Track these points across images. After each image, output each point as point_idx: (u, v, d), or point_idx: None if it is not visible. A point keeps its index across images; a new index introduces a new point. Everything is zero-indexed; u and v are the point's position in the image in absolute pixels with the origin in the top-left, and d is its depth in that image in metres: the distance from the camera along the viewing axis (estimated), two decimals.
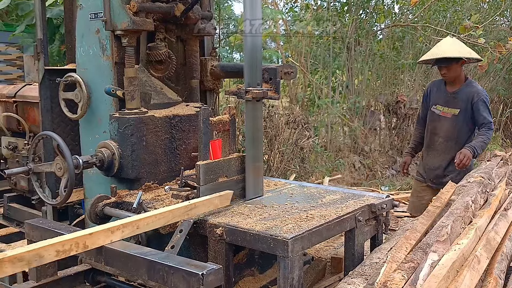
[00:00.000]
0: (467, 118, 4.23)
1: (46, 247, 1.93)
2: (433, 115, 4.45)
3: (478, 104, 4.16)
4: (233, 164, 2.86)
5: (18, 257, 1.86)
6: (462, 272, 2.01)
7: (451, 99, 4.33)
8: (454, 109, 4.29)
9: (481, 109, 4.15)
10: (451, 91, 4.35)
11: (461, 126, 4.27)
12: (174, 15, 3.22)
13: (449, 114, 4.32)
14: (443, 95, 4.40)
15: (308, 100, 9.18)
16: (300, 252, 2.28)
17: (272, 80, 2.86)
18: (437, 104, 4.42)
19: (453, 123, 4.29)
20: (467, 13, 9.63)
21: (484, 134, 4.13)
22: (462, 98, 4.26)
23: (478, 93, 4.21)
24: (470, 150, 4.04)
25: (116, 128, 3.02)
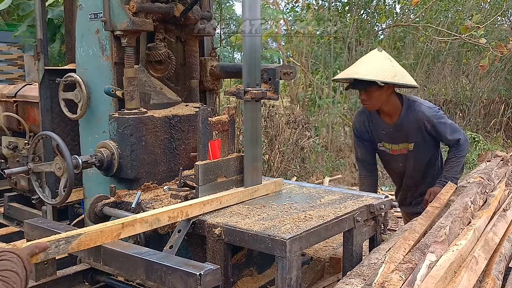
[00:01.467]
0: (426, 148, 3.48)
1: (163, 213, 2.39)
2: (383, 154, 3.62)
3: (435, 128, 3.36)
4: (232, 164, 2.86)
5: (144, 220, 2.31)
6: (460, 273, 2.01)
7: (395, 134, 3.44)
8: (405, 143, 3.46)
9: (441, 132, 3.37)
10: (390, 123, 3.43)
11: (421, 160, 3.54)
12: (173, 15, 3.22)
13: (403, 150, 3.50)
14: (384, 129, 3.48)
15: (309, 100, 9.19)
16: (298, 252, 2.28)
17: (271, 80, 2.86)
18: (382, 141, 3.54)
19: (411, 158, 3.52)
20: (468, 13, 9.64)
21: (454, 155, 3.42)
22: (409, 128, 3.39)
23: (428, 118, 3.34)
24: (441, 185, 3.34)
25: (116, 128, 3.02)
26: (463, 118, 10.52)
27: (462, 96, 10.62)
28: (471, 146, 9.13)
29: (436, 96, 10.33)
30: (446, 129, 3.38)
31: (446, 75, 10.57)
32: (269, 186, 3.01)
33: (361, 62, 3.47)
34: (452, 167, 3.43)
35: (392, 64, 3.34)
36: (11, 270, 1.51)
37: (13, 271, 1.51)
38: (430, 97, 10.25)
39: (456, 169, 3.42)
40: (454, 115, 10.41)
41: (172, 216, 2.42)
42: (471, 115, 10.45)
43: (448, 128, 3.39)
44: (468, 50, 10.16)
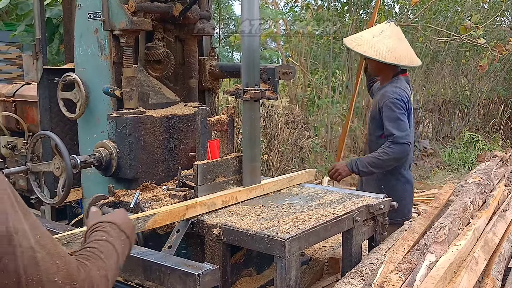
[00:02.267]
0: (378, 126, 3.49)
1: (217, 197, 2.67)
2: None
3: (383, 109, 3.38)
4: (231, 164, 2.85)
5: (204, 203, 2.58)
6: (460, 274, 2.01)
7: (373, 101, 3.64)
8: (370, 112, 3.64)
9: (385, 117, 3.36)
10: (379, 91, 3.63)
11: (372, 135, 3.59)
12: (172, 15, 3.21)
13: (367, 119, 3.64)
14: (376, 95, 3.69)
15: (308, 100, 9.18)
16: (297, 252, 2.28)
17: (270, 80, 2.86)
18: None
19: (369, 127, 3.65)
20: (467, 13, 9.64)
21: (382, 148, 3.33)
22: (374, 101, 3.59)
23: (384, 96, 3.40)
24: (349, 165, 3.41)
25: (114, 128, 3.01)
26: (462, 118, 10.53)
27: (461, 96, 10.63)
28: (470, 146, 9.14)
29: (435, 96, 10.34)
30: (389, 117, 3.34)
31: (445, 75, 10.58)
32: (303, 176, 3.27)
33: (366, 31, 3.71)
34: (372, 156, 3.36)
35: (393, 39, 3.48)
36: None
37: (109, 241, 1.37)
38: (429, 97, 10.26)
39: (373, 161, 3.34)
40: (453, 115, 10.42)
41: (225, 200, 2.71)
42: (470, 115, 10.46)
43: (391, 118, 3.34)
44: (467, 50, 10.16)
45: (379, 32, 3.49)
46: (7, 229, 0.99)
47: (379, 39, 3.45)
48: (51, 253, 1.06)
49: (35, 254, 1.02)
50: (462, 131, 9.98)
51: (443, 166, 8.58)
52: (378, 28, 3.58)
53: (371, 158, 3.35)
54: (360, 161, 3.39)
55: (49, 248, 1.06)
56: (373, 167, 3.35)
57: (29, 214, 1.07)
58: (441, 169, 8.47)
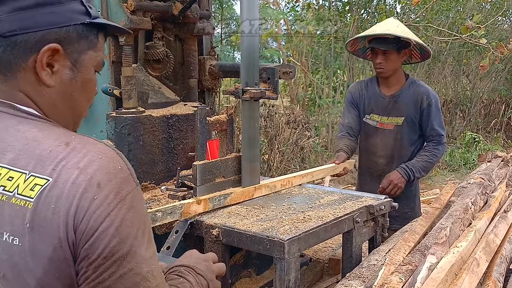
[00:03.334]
0: (414, 128, 3.36)
1: (278, 181, 3.00)
2: (367, 127, 3.49)
3: (430, 109, 3.28)
4: (230, 164, 2.83)
5: (267, 185, 2.91)
6: (461, 276, 1.98)
7: (391, 104, 3.38)
8: (397, 117, 3.37)
9: (432, 117, 3.28)
10: (389, 94, 3.40)
11: (406, 140, 3.39)
12: (172, 14, 3.19)
13: (390, 125, 3.37)
14: (380, 100, 3.43)
15: (309, 100, 9.17)
16: (296, 253, 2.26)
17: (270, 79, 2.84)
18: (372, 113, 3.45)
19: (396, 137, 3.38)
20: (469, 13, 9.62)
21: (430, 150, 3.27)
22: (406, 102, 3.34)
23: (429, 95, 3.32)
24: (404, 174, 3.25)
25: (113, 127, 2.99)
26: (464, 118, 10.50)
27: (462, 96, 10.61)
28: (471, 146, 9.12)
29: None
30: (437, 118, 3.31)
31: (446, 75, 10.56)
32: (344, 166, 3.44)
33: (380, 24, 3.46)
34: (423, 160, 3.28)
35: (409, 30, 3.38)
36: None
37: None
38: None
39: (424, 165, 3.28)
40: (454, 115, 10.40)
41: (283, 184, 3.02)
42: (471, 115, 10.43)
43: (439, 118, 3.32)
44: (468, 50, 10.15)
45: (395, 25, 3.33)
46: (128, 252, 0.95)
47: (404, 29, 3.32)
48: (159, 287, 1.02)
49: (145, 283, 0.98)
50: (463, 131, 9.96)
51: (444, 166, 8.56)
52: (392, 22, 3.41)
53: (423, 163, 3.27)
54: (414, 167, 3.26)
55: (158, 281, 1.01)
56: (425, 171, 3.30)
57: (151, 243, 1.02)
58: (442, 169, 8.45)
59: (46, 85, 1.03)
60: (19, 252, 0.93)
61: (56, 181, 0.93)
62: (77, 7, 1.04)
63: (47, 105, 1.06)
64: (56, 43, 1.01)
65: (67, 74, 1.06)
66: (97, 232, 0.92)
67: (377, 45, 3.28)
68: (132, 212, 0.96)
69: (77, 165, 0.94)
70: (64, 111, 1.10)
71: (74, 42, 1.04)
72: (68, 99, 1.09)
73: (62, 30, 1.02)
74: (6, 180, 0.95)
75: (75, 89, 1.09)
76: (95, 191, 0.93)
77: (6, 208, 0.94)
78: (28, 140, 0.97)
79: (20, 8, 0.98)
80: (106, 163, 0.96)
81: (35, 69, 1.01)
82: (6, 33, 0.98)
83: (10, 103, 1.02)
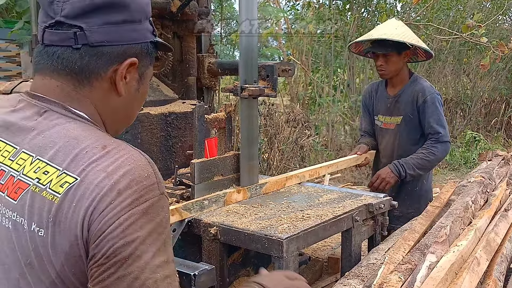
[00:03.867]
0: (414, 127, 3.35)
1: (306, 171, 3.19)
2: (376, 128, 3.57)
3: (425, 105, 3.25)
4: (229, 163, 2.81)
5: (296, 175, 3.09)
6: (462, 275, 1.96)
7: (393, 104, 3.41)
8: (397, 117, 3.40)
9: (429, 113, 3.24)
10: (393, 94, 3.44)
11: (406, 139, 3.39)
12: (170, 11, 3.17)
13: (392, 125, 3.41)
14: (384, 100, 3.48)
15: (309, 99, 9.15)
16: (295, 252, 2.24)
17: (269, 77, 2.81)
18: (379, 113, 3.52)
19: (396, 136, 3.42)
20: (469, 12, 9.59)
21: (427, 148, 3.24)
22: (405, 101, 3.36)
23: (424, 91, 3.28)
24: (394, 169, 3.23)
25: None
26: (464, 117, 10.48)
27: (463, 95, 10.59)
28: (472, 145, 9.10)
29: None
30: (434, 114, 3.26)
31: (447, 74, 10.54)
32: (365, 156, 3.56)
33: (381, 27, 3.53)
34: (418, 158, 3.24)
35: (410, 31, 3.39)
36: None
37: None
38: None
39: (418, 162, 3.23)
40: (455, 114, 10.38)
41: (311, 174, 3.20)
42: (471, 114, 10.41)
43: (436, 115, 3.26)
44: (469, 49, 10.12)
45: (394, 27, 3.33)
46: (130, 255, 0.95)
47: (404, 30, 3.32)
48: None
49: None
50: (464, 130, 9.94)
51: (445, 165, 8.54)
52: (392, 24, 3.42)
53: (417, 160, 3.23)
54: (407, 164, 3.23)
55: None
56: (419, 169, 3.24)
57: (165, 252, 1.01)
58: (443, 168, 8.43)
59: (119, 94, 1.13)
60: (43, 243, 0.98)
61: (83, 181, 0.97)
62: (149, 27, 1.18)
63: (109, 112, 1.15)
64: (134, 57, 1.12)
65: (134, 86, 1.17)
66: (105, 233, 0.95)
67: (376, 49, 3.32)
68: (146, 217, 0.98)
69: (106, 168, 0.98)
70: (121, 118, 1.20)
71: (144, 57, 1.16)
72: (129, 107, 1.19)
73: (138, 46, 1.14)
74: (42, 174, 1.01)
75: (136, 99, 1.20)
76: (114, 195, 0.96)
77: (37, 200, 0.99)
78: (70, 138, 1.03)
79: (110, 23, 1.08)
80: (133, 170, 0.99)
81: (112, 79, 1.11)
82: (95, 43, 1.07)
83: (62, 104, 1.09)
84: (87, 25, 1.06)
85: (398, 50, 3.26)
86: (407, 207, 3.35)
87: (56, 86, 1.10)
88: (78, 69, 1.08)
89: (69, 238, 0.96)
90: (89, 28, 1.06)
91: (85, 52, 1.07)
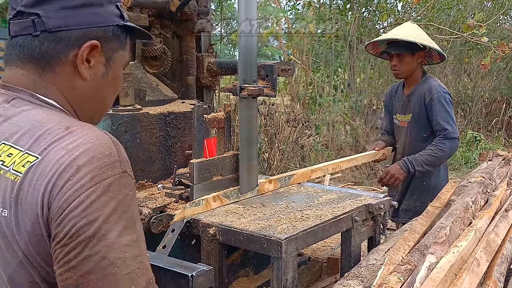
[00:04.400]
0: (424, 125, 3.45)
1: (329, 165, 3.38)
2: (394, 127, 3.74)
3: (432, 104, 3.34)
4: (228, 163, 2.80)
5: (321, 168, 3.30)
6: (461, 276, 1.95)
7: (406, 103, 3.55)
8: (408, 115, 3.54)
9: (435, 111, 3.33)
10: (407, 93, 3.58)
11: (415, 136, 3.51)
12: (169, 10, 3.16)
13: (405, 123, 3.56)
14: (401, 100, 3.63)
15: (310, 98, 9.13)
16: (294, 253, 2.23)
17: (268, 77, 2.80)
18: (396, 112, 3.68)
19: (407, 134, 3.55)
20: (470, 12, 9.57)
21: (435, 144, 3.31)
22: (415, 99, 3.49)
23: (431, 90, 3.37)
24: (403, 166, 3.33)
25: (110, 125, 2.96)
26: (465, 117, 10.46)
27: (463, 95, 10.57)
28: (472, 145, 9.08)
29: None
30: (441, 112, 3.33)
31: (447, 74, 10.51)
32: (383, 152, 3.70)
33: (395, 29, 3.70)
34: (427, 154, 3.32)
35: (424, 34, 3.54)
36: None
37: None
38: None
39: (427, 158, 3.31)
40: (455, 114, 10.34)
41: (334, 168, 3.40)
42: (472, 114, 10.39)
43: (443, 112, 3.34)
44: (470, 49, 10.10)
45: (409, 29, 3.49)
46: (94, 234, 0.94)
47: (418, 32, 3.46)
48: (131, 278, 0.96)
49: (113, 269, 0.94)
50: (464, 130, 9.92)
51: None
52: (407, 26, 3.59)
53: (426, 156, 3.30)
54: (415, 160, 3.31)
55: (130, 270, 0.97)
56: (428, 165, 3.32)
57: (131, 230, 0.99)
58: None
59: (82, 78, 1.13)
60: (7, 224, 0.98)
61: (43, 159, 0.97)
62: (114, 10, 1.17)
63: (77, 97, 1.15)
64: (95, 40, 1.11)
65: (101, 70, 1.16)
66: (66, 211, 0.94)
67: (389, 49, 3.47)
68: (107, 196, 0.96)
69: (67, 146, 0.98)
70: (92, 105, 1.19)
71: (109, 41, 1.15)
72: (99, 93, 1.18)
73: (101, 30, 1.13)
74: (6, 156, 1.02)
75: (106, 84, 1.18)
76: (73, 171, 0.95)
77: (1, 182, 1.00)
78: (35, 122, 1.04)
79: (67, 7, 1.08)
80: (95, 147, 0.98)
81: (74, 63, 1.11)
82: (52, 29, 1.08)
83: (30, 92, 1.10)
84: (44, 11, 1.07)
85: (412, 50, 3.39)
86: (414, 201, 3.51)
87: (22, 75, 1.11)
88: (39, 55, 1.09)
89: (31, 216, 0.95)
90: (46, 14, 1.07)
91: (43, 38, 1.08)
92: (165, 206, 2.65)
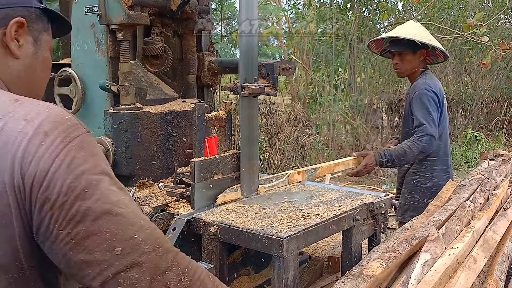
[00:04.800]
0: (409, 122, 3.46)
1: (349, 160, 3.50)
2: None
3: (413, 101, 3.34)
4: (229, 161, 2.80)
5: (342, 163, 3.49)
6: (456, 273, 1.95)
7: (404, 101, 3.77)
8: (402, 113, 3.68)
9: (415, 108, 3.32)
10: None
11: (403, 133, 3.58)
12: (170, 9, 3.16)
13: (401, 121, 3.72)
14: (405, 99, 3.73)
15: (310, 98, 9.13)
16: (295, 251, 2.23)
17: (269, 76, 2.80)
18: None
19: (403, 126, 3.65)
20: (471, 11, 9.56)
21: (411, 140, 3.29)
22: (405, 98, 3.59)
23: (415, 88, 3.38)
24: (377, 156, 3.32)
25: (111, 124, 2.96)
26: (465, 116, 10.46)
27: (464, 95, 10.56)
28: (473, 144, 9.07)
29: None
30: (421, 109, 3.29)
31: (448, 73, 10.51)
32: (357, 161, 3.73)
33: (398, 28, 3.67)
34: (401, 148, 3.29)
35: (427, 32, 3.53)
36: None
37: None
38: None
39: (401, 153, 3.27)
40: (456, 114, 10.35)
41: (354, 163, 3.49)
42: (473, 113, 10.39)
43: (423, 109, 3.29)
44: (470, 48, 10.09)
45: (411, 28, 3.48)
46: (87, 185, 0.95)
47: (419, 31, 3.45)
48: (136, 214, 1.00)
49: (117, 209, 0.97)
50: (465, 129, 9.91)
51: None
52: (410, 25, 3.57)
53: (399, 150, 3.28)
54: (389, 153, 3.30)
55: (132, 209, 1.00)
56: (399, 159, 3.29)
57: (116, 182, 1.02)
58: None
59: (14, 55, 1.16)
60: None
61: (3, 129, 0.96)
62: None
63: (11, 77, 1.17)
64: (21, 17, 1.15)
65: (31, 49, 1.19)
66: (49, 173, 0.93)
67: (390, 48, 3.49)
68: (83, 152, 0.98)
69: (24, 117, 0.98)
70: (26, 84, 1.21)
71: (33, 21, 1.19)
72: (31, 72, 1.21)
73: (24, 10, 1.17)
74: None
75: (37, 64, 1.22)
76: (41, 138, 0.95)
77: None
78: None
79: None
80: (52, 115, 0.99)
81: (4, 43, 1.14)
82: None
83: None
84: None
85: (413, 49, 3.38)
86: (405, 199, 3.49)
87: None
88: None
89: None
90: None
91: None
92: (166, 205, 2.66)
